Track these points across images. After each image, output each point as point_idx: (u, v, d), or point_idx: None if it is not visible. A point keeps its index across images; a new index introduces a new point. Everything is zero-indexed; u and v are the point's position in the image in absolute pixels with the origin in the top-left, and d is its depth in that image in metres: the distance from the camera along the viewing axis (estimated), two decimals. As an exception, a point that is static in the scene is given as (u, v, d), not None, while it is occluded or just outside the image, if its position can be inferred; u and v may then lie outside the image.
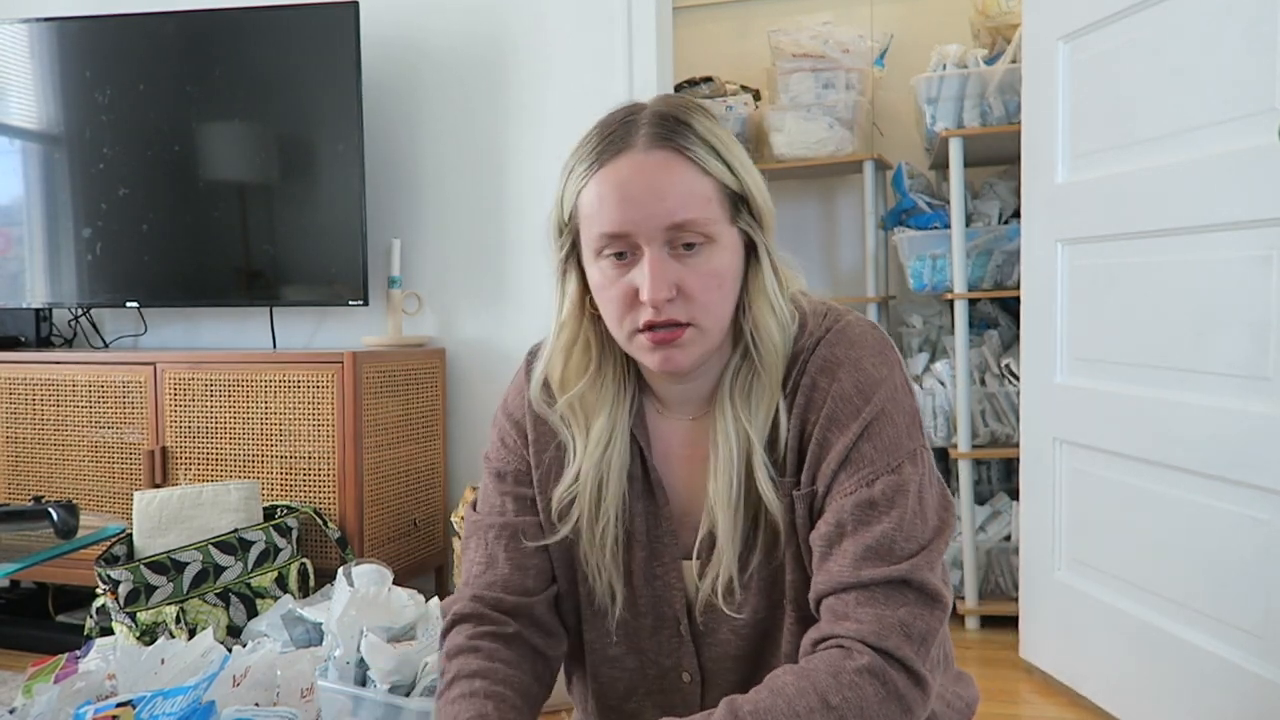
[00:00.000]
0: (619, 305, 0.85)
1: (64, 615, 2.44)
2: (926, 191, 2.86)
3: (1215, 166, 1.55)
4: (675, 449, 0.94)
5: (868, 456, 0.83)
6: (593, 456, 0.90)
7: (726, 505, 0.86)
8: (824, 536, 0.83)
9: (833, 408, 0.84)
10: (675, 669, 0.95)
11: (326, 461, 2.13)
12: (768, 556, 0.88)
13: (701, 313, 0.84)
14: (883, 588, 0.80)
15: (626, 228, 0.82)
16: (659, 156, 0.82)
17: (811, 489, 0.85)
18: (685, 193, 0.81)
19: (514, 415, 1.00)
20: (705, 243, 0.83)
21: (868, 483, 0.83)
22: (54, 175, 2.50)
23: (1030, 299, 2.05)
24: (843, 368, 0.85)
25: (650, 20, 2.33)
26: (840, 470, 0.84)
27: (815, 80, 2.90)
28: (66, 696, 1.35)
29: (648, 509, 0.93)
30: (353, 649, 1.65)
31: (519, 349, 2.44)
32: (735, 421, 0.86)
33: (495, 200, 2.47)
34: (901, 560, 0.81)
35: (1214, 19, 1.55)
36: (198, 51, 2.39)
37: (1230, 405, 1.53)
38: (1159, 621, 1.70)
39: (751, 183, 0.86)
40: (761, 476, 0.85)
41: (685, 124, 0.83)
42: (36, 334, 2.62)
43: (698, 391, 0.92)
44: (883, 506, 0.82)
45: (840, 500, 0.83)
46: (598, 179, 0.84)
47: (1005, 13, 2.60)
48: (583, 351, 0.92)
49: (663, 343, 0.84)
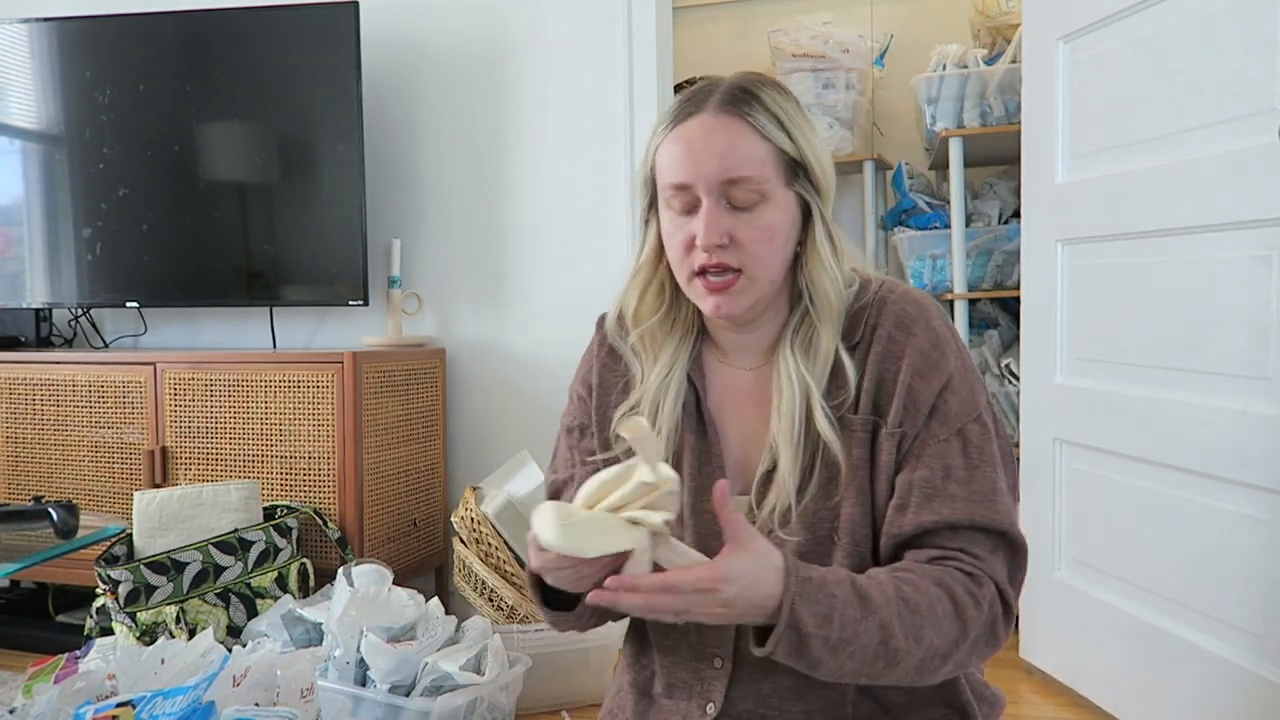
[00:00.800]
0: (680, 250, 0.94)
1: (64, 615, 2.44)
2: (926, 191, 2.86)
3: (1215, 166, 1.55)
4: (731, 395, 1.01)
5: (954, 408, 0.92)
6: (652, 385, 1.00)
7: (789, 443, 0.92)
8: (925, 480, 0.91)
9: (916, 361, 0.92)
10: None
11: (326, 461, 2.13)
12: (822, 491, 0.93)
13: (752, 262, 0.92)
14: (991, 537, 0.90)
15: (688, 179, 0.92)
16: (723, 120, 0.91)
17: (900, 431, 0.92)
18: (743, 153, 0.91)
19: (582, 371, 1.10)
20: (759, 200, 0.92)
21: (958, 431, 0.92)
22: (54, 175, 2.50)
23: (1030, 299, 2.05)
24: (917, 324, 0.94)
25: (650, 20, 2.33)
26: (931, 419, 0.92)
27: (815, 80, 2.90)
28: (66, 696, 1.35)
29: (698, 445, 1.00)
30: (353, 649, 1.65)
31: (519, 349, 2.47)
32: (796, 369, 0.94)
33: (495, 200, 2.47)
34: (1002, 511, 0.90)
35: (1214, 19, 1.55)
36: (198, 51, 2.39)
37: (1230, 405, 1.53)
38: (1159, 621, 1.70)
39: (812, 153, 0.95)
40: (820, 418, 0.92)
41: (753, 95, 0.93)
42: (36, 334, 2.62)
43: (757, 344, 1.01)
44: (975, 455, 0.91)
45: (936, 446, 0.91)
46: (671, 137, 0.94)
47: (1005, 13, 2.60)
48: (656, 293, 1.02)
49: (715, 289, 0.93)
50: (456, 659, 1.64)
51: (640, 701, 1.03)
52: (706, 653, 0.97)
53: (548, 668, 1.89)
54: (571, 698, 1.95)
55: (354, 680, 1.64)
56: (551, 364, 2.44)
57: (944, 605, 0.85)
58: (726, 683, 0.95)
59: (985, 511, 0.89)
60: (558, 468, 1.09)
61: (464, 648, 1.69)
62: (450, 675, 1.62)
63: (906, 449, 0.92)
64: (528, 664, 1.79)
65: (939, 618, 0.85)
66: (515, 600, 1.96)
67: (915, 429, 0.92)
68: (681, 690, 0.99)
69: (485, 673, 1.66)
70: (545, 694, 1.92)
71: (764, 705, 0.95)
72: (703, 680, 0.97)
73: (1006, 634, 0.91)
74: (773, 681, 0.95)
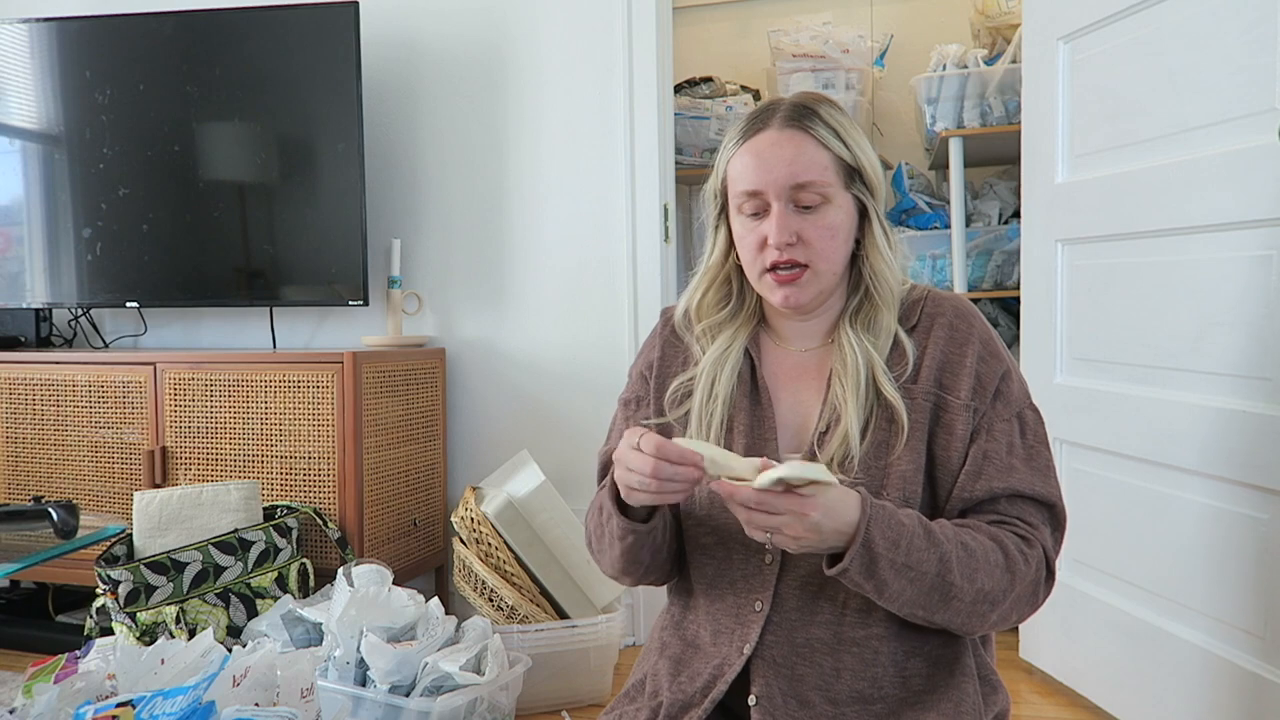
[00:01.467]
0: (752, 250, 1.06)
1: (64, 615, 2.44)
2: (926, 191, 2.86)
3: (1215, 166, 1.55)
4: (784, 369, 1.12)
5: (1015, 393, 1.05)
6: (712, 356, 1.11)
7: (855, 401, 1.03)
8: (994, 451, 1.02)
9: (983, 349, 1.05)
10: (761, 550, 1.05)
11: (326, 461, 2.13)
12: (878, 449, 1.03)
13: (817, 257, 1.04)
14: (1044, 510, 1.03)
15: (760, 186, 1.03)
16: (789, 133, 1.04)
17: (974, 404, 1.03)
18: (807, 161, 1.03)
19: (644, 352, 1.20)
20: (822, 202, 1.03)
21: (1018, 414, 1.04)
22: (54, 175, 2.50)
23: (1030, 299, 2.05)
24: (976, 319, 1.07)
25: (650, 20, 2.33)
26: (997, 400, 1.04)
27: (815, 80, 2.90)
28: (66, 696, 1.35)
29: (752, 408, 1.09)
30: (353, 649, 1.65)
31: (519, 349, 2.47)
32: (859, 342, 1.05)
33: (495, 200, 2.47)
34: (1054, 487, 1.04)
35: (1214, 19, 1.55)
36: (198, 51, 2.39)
37: (1230, 405, 1.53)
38: (1158, 621, 1.70)
39: (866, 160, 1.06)
40: (885, 382, 1.03)
41: (813, 111, 1.05)
42: (36, 334, 2.62)
43: (816, 329, 1.12)
44: (1032, 437, 1.04)
45: (1003, 425, 1.03)
46: (742, 150, 1.06)
47: (1005, 13, 2.60)
48: (720, 287, 1.14)
49: (785, 282, 1.04)
50: (456, 659, 1.64)
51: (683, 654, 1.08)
52: (750, 597, 1.04)
53: (548, 668, 1.89)
54: (571, 698, 1.95)
55: (354, 680, 1.64)
56: (551, 364, 2.44)
57: (997, 556, 0.96)
58: (762, 625, 1.01)
59: (1043, 485, 1.02)
60: (611, 440, 1.18)
61: (464, 648, 1.69)
62: (450, 675, 1.62)
63: (977, 423, 1.03)
64: (528, 664, 1.79)
65: (992, 565, 0.96)
66: (515, 600, 1.96)
67: (984, 405, 1.03)
68: (724, 636, 1.05)
69: (485, 673, 1.66)
70: (545, 694, 1.92)
71: (797, 654, 1.01)
72: (743, 624, 1.04)
73: (1045, 596, 1.02)
74: (807, 633, 1.01)
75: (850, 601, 1.00)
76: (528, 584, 1.99)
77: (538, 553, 2.01)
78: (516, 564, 1.99)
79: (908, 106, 2.97)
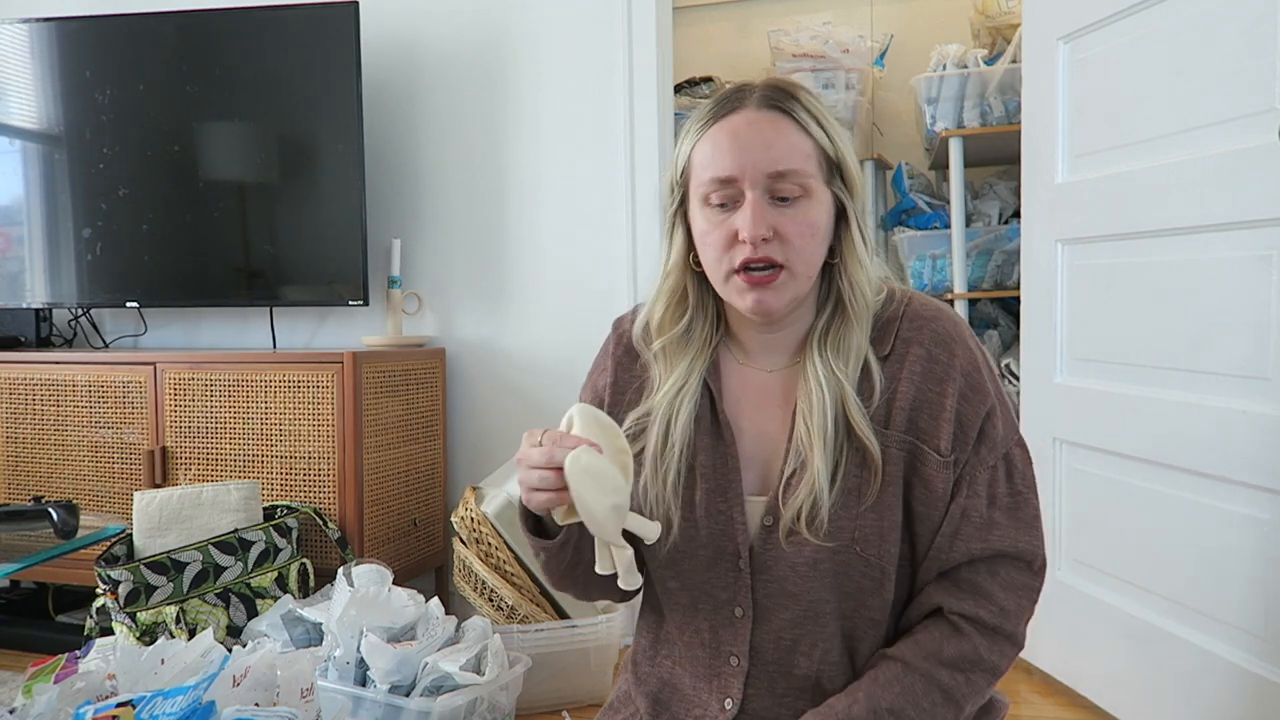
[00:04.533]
0: (719, 248, 0.92)
1: (64, 615, 2.44)
2: (926, 191, 2.86)
3: (1215, 166, 1.55)
4: (749, 396, 1.00)
5: (1001, 432, 0.93)
6: (667, 395, 0.99)
7: (822, 442, 0.91)
8: (973, 508, 0.92)
9: (963, 385, 0.92)
10: (729, 603, 0.98)
11: (326, 461, 2.13)
12: (848, 497, 0.92)
13: (795, 256, 0.92)
14: (1023, 566, 0.93)
15: (735, 172, 0.90)
16: (769, 114, 0.92)
17: (953, 457, 0.92)
18: (789, 146, 0.91)
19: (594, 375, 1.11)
20: (802, 195, 0.91)
21: (1004, 456, 0.93)
22: (54, 175, 2.50)
23: (1030, 299, 2.05)
24: (957, 344, 0.94)
25: (650, 20, 2.33)
26: (980, 445, 0.93)
27: (815, 80, 2.90)
28: (66, 696, 1.35)
29: (714, 446, 0.99)
30: (353, 649, 1.65)
31: (519, 349, 2.47)
32: (826, 368, 0.93)
33: (495, 200, 2.47)
34: (1038, 529, 0.94)
35: (1214, 19, 1.55)
36: (198, 51, 2.39)
37: (1230, 405, 1.53)
38: (1159, 621, 1.70)
39: (846, 154, 0.95)
40: (858, 418, 0.91)
41: (793, 94, 0.93)
42: (36, 334, 2.62)
43: (783, 343, 1.00)
44: (1019, 480, 0.94)
45: (986, 473, 0.93)
46: (712, 132, 0.93)
47: (1005, 13, 2.60)
48: (679, 301, 1.00)
49: (757, 284, 0.92)
50: (456, 659, 1.64)
51: (661, 692, 1.04)
52: (722, 650, 0.98)
53: (548, 668, 1.89)
54: (571, 698, 1.95)
55: (354, 680, 1.64)
56: (551, 364, 2.44)
57: (931, 696, 0.90)
58: (744, 680, 0.97)
59: (1026, 539, 0.93)
60: None
61: (464, 648, 1.69)
62: (450, 675, 1.62)
63: (958, 476, 0.93)
64: (528, 664, 1.79)
65: (931, 710, 0.90)
66: (515, 600, 1.96)
67: (965, 455, 0.92)
68: (702, 684, 1.00)
69: (485, 673, 1.66)
70: (545, 694, 1.92)
71: (780, 704, 0.96)
72: (720, 676, 0.98)
73: (1010, 663, 0.94)
74: (788, 681, 0.96)
75: (828, 655, 0.95)
76: (528, 584, 1.99)
77: (538, 553, 2.01)
78: (516, 564, 1.99)
79: (908, 106, 2.97)
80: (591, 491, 0.84)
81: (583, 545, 0.98)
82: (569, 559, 0.99)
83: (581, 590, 1.04)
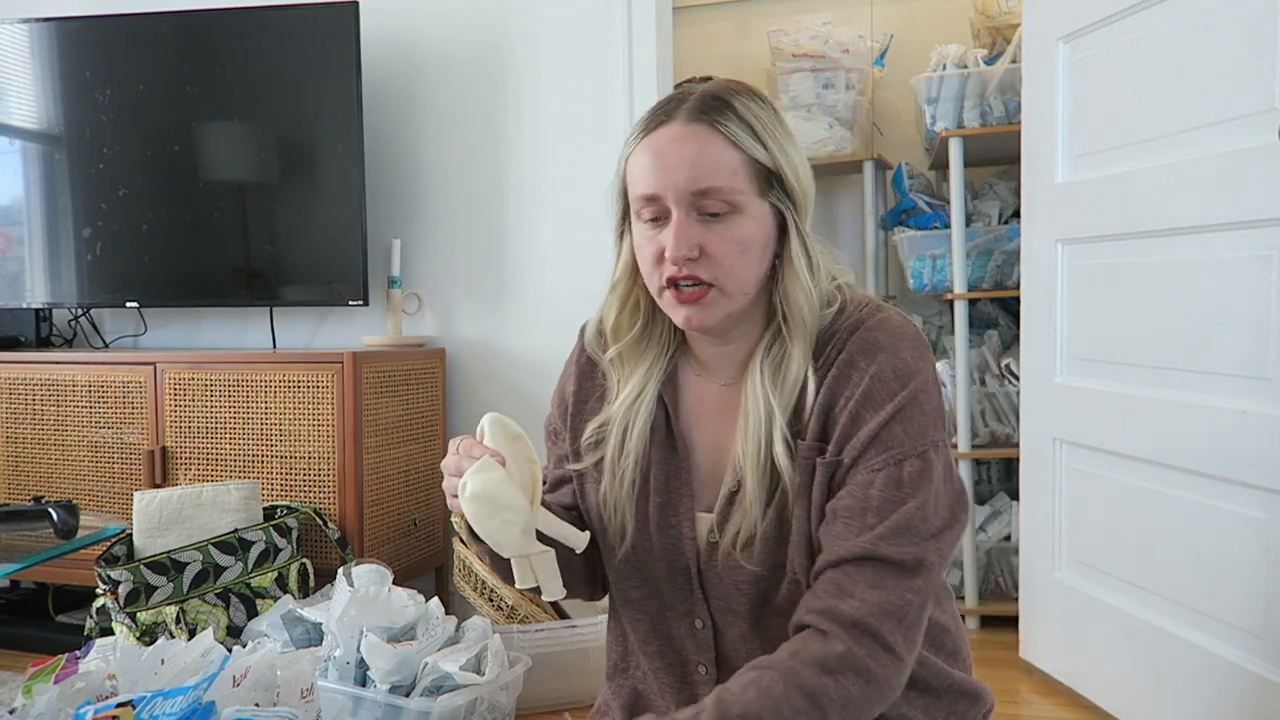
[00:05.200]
0: (650, 262, 0.92)
1: (64, 615, 2.44)
2: (926, 191, 2.86)
3: (1215, 166, 1.55)
4: (705, 410, 1.00)
5: (898, 438, 0.87)
6: (624, 404, 0.99)
7: (755, 467, 0.90)
8: (847, 508, 0.87)
9: (869, 387, 0.88)
10: (689, 614, 0.98)
11: (326, 461, 2.13)
12: (779, 518, 0.91)
13: (724, 274, 0.90)
14: (894, 568, 0.84)
15: (657, 190, 0.90)
16: (693, 129, 0.89)
17: (837, 459, 0.89)
18: (712, 162, 0.88)
19: (563, 379, 1.10)
20: (730, 211, 0.89)
21: (896, 462, 0.87)
22: (54, 175, 2.50)
23: (1030, 299, 2.05)
24: (883, 352, 0.89)
25: (650, 20, 2.33)
26: (869, 447, 0.88)
27: (815, 80, 2.90)
28: (66, 696, 1.35)
29: (668, 460, 0.98)
30: (353, 649, 1.65)
31: (519, 349, 2.47)
32: (763, 390, 0.92)
33: (495, 200, 2.47)
34: (921, 541, 0.85)
35: (1214, 19, 1.55)
36: (198, 51, 2.39)
37: (1230, 405, 1.53)
38: (1159, 621, 1.70)
39: (787, 163, 0.91)
40: (779, 445, 0.90)
41: (726, 103, 0.90)
42: (36, 334, 2.62)
43: (734, 355, 0.98)
44: (908, 487, 0.86)
45: (868, 475, 0.87)
46: (641, 147, 0.92)
47: (1005, 13, 2.60)
48: (633, 308, 1.00)
49: (687, 301, 0.91)
50: (456, 659, 1.64)
51: (635, 704, 1.04)
52: (690, 660, 0.98)
53: (548, 668, 1.89)
54: (571, 698, 1.95)
55: (354, 680, 1.64)
56: (551, 364, 2.42)
57: (793, 700, 0.79)
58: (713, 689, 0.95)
59: (887, 546, 0.85)
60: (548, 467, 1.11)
61: (464, 648, 1.69)
62: (450, 675, 1.62)
63: (841, 477, 0.89)
64: (528, 664, 1.79)
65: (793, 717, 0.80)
66: (515, 600, 1.95)
67: (853, 457, 0.88)
68: (670, 694, 1.00)
69: (485, 673, 1.66)
70: (545, 694, 1.92)
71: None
72: (690, 685, 0.98)
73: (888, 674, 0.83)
74: None
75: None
76: (528, 584, 1.99)
77: (538, 553, 2.01)
78: (516, 564, 1.99)
79: (908, 106, 2.97)
80: (483, 515, 0.84)
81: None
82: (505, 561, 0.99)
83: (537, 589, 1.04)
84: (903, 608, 0.84)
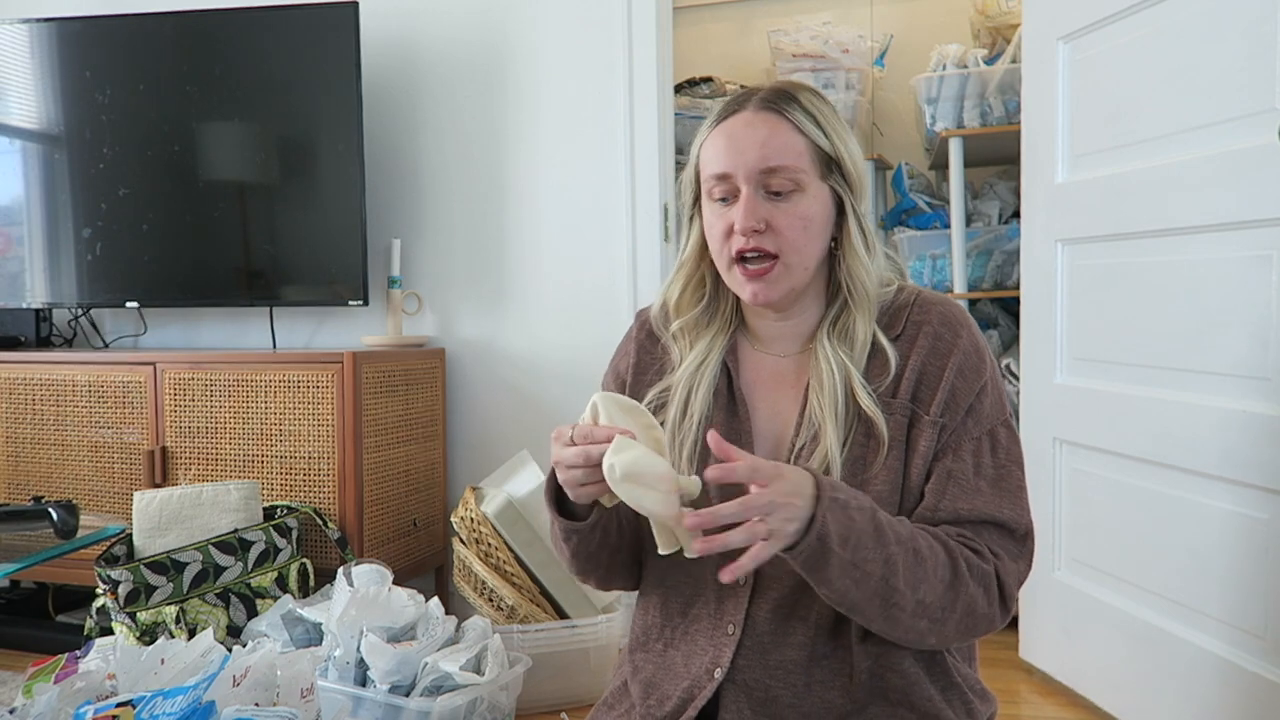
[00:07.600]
0: (720, 238, 1.01)
1: (64, 615, 2.44)
2: (926, 191, 2.86)
3: (1215, 166, 1.55)
4: (763, 378, 1.08)
5: (987, 408, 1.00)
6: (688, 369, 1.07)
7: (833, 415, 0.98)
8: (961, 472, 0.97)
9: (963, 360, 0.99)
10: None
11: (326, 461, 2.13)
12: (856, 465, 0.99)
13: (788, 247, 0.99)
14: (1007, 535, 0.97)
15: (728, 168, 0.99)
16: (763, 116, 1.00)
17: (942, 420, 0.99)
18: (780, 144, 0.98)
19: (617, 358, 1.16)
20: (794, 190, 0.99)
21: (989, 432, 0.99)
22: (54, 175, 2.50)
23: (1030, 299, 2.05)
24: (962, 328, 1.01)
25: (650, 20, 2.33)
26: (968, 416, 0.99)
27: (815, 80, 2.90)
28: (66, 696, 1.35)
29: (729, 421, 1.05)
30: (353, 649, 1.65)
31: (519, 349, 2.47)
32: (835, 354, 1.01)
33: (495, 200, 2.47)
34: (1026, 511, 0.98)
35: (1214, 19, 1.55)
36: (198, 51, 2.39)
37: (1230, 405, 1.53)
38: (1158, 621, 1.70)
39: (846, 152, 1.01)
40: (863, 396, 0.98)
41: (792, 96, 1.01)
42: (36, 334, 2.62)
43: (794, 330, 1.07)
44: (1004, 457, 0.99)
45: (970, 442, 0.98)
46: (716, 133, 1.02)
47: (1005, 13, 2.60)
48: (697, 286, 1.09)
49: (753, 276, 1.00)
50: (456, 659, 1.64)
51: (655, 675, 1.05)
52: (723, 620, 1.01)
53: (548, 668, 1.89)
54: (571, 698, 1.95)
55: (354, 680, 1.64)
56: (551, 364, 2.44)
57: (945, 570, 0.91)
58: (735, 649, 0.99)
59: (1011, 509, 0.97)
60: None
61: (464, 648, 1.69)
62: (450, 675, 1.62)
63: (944, 440, 0.98)
64: (528, 664, 1.79)
65: (938, 577, 0.90)
66: (515, 600, 1.96)
67: (955, 422, 0.98)
68: (696, 658, 1.02)
69: (485, 673, 1.66)
70: (545, 694, 1.92)
71: (770, 675, 0.98)
72: (715, 646, 1.01)
73: (991, 624, 0.96)
74: (780, 655, 0.98)
75: (823, 621, 0.97)
76: (528, 584, 1.99)
77: (538, 553, 2.01)
78: (516, 564, 1.99)
79: (908, 106, 2.97)
80: (640, 493, 0.86)
81: (610, 527, 1.03)
82: (598, 540, 1.03)
83: (604, 576, 1.08)
84: (1018, 571, 0.97)
